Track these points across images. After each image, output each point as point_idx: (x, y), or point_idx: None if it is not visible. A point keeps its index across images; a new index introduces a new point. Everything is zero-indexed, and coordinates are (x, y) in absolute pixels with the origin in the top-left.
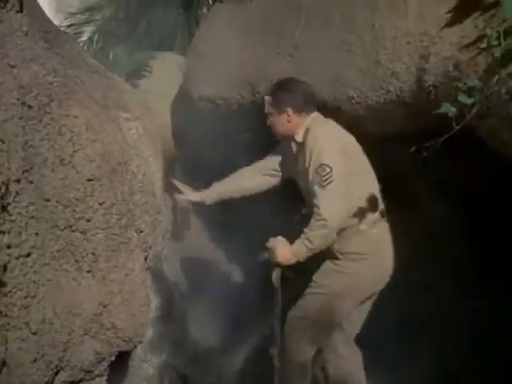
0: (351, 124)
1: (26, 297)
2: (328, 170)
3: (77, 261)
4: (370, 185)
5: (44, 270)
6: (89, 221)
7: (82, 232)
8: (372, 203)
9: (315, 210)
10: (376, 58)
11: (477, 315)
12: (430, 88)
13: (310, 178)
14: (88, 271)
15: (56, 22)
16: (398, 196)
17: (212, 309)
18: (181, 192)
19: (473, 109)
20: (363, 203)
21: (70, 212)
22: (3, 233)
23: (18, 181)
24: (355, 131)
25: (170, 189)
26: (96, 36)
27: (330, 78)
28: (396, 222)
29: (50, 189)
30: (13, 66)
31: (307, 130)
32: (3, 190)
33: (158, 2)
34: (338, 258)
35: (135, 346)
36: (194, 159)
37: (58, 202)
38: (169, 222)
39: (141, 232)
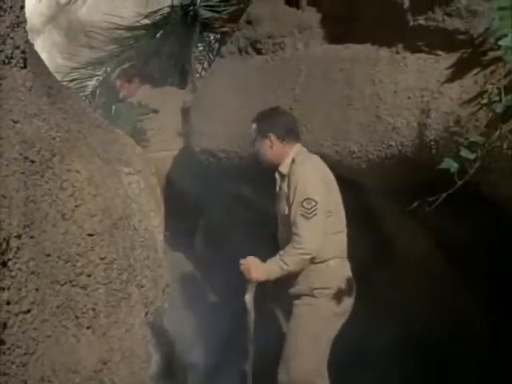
0: (352, 177)
1: (24, 354)
2: (313, 203)
3: (77, 317)
4: (339, 225)
5: (43, 326)
6: (89, 276)
7: (82, 287)
8: (336, 242)
9: (296, 238)
10: (377, 112)
11: None
12: (431, 143)
13: (294, 209)
14: (88, 327)
15: (58, 76)
16: (397, 248)
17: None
18: None
19: (475, 164)
20: (331, 240)
21: (71, 267)
22: (3, 289)
23: (19, 236)
24: (356, 185)
25: None
26: (98, 90)
27: (331, 132)
28: (392, 274)
29: (51, 244)
30: (16, 122)
31: (293, 162)
32: (4, 246)
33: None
34: (313, 296)
35: None
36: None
37: (58, 257)
38: (169, 276)
39: (142, 287)
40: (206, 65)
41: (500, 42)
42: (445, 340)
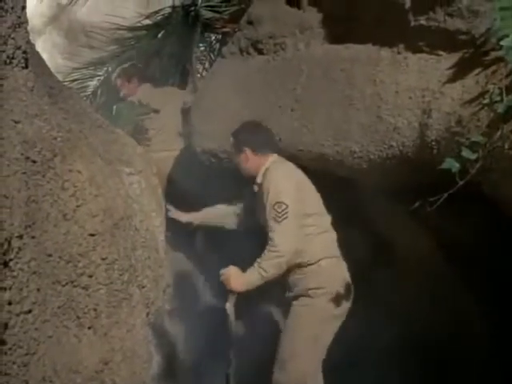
0: (353, 177)
1: (26, 354)
2: (284, 206)
3: (78, 317)
4: (320, 229)
5: (45, 326)
6: (91, 276)
7: (83, 288)
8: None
9: (270, 242)
10: (378, 112)
11: None
12: (433, 143)
13: (267, 213)
14: (89, 327)
15: (59, 77)
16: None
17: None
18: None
19: (476, 164)
20: (316, 241)
21: (72, 267)
22: (4, 289)
23: (21, 236)
24: (357, 185)
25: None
26: (99, 90)
27: (332, 133)
28: (392, 274)
29: (52, 244)
30: (17, 122)
31: (266, 170)
32: (5, 246)
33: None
34: (308, 296)
35: None
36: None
37: (60, 257)
38: (171, 276)
39: (143, 287)
40: (207, 65)
41: (501, 42)
42: (445, 340)
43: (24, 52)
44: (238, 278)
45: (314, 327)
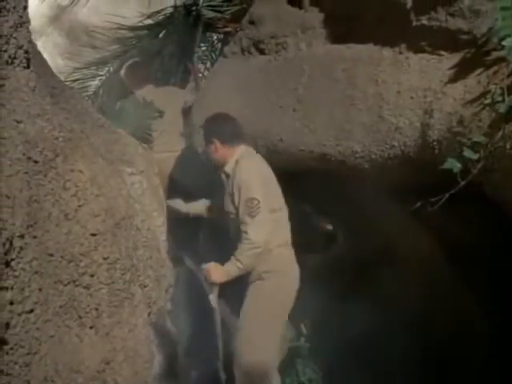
0: (354, 177)
1: (27, 354)
2: (256, 202)
3: (80, 316)
4: (282, 221)
5: (46, 326)
6: (92, 276)
7: (85, 287)
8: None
9: (245, 235)
10: (379, 112)
11: None
12: (434, 143)
13: (241, 209)
14: (91, 327)
15: (61, 77)
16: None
17: None
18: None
19: (478, 164)
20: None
21: (74, 267)
22: (6, 289)
23: (22, 236)
24: (358, 185)
25: None
26: (101, 90)
27: (334, 133)
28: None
29: (54, 244)
30: (19, 122)
31: (236, 162)
32: (7, 245)
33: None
34: (261, 278)
35: None
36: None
37: (61, 256)
38: (172, 275)
39: (145, 287)
40: (208, 65)
41: (503, 42)
42: (445, 340)
43: (26, 52)
44: (217, 271)
45: (268, 307)
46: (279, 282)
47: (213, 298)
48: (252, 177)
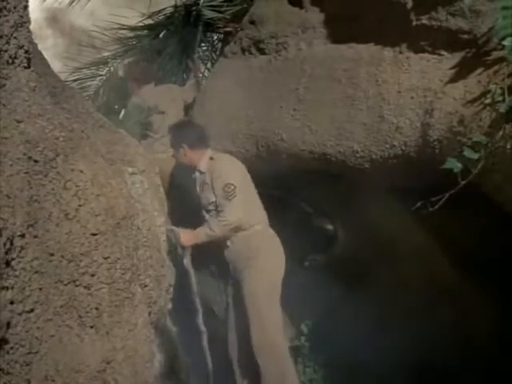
0: (355, 177)
1: (28, 353)
2: (232, 187)
3: (80, 316)
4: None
5: (47, 325)
6: (93, 275)
7: (85, 287)
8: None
9: (220, 213)
10: (380, 112)
11: None
12: (435, 143)
13: (218, 195)
14: (91, 327)
15: (62, 76)
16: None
17: None
18: None
19: (478, 164)
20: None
21: (74, 267)
22: (7, 288)
23: (23, 236)
24: (359, 184)
25: None
26: (101, 90)
27: (334, 132)
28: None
29: (55, 243)
30: (19, 121)
31: (210, 159)
32: (8, 245)
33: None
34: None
35: None
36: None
37: (62, 256)
38: (172, 275)
39: (145, 287)
40: (209, 65)
41: (503, 42)
42: (445, 340)
43: (26, 52)
44: (186, 234)
45: (267, 281)
46: (268, 260)
47: (186, 262)
48: (228, 166)
